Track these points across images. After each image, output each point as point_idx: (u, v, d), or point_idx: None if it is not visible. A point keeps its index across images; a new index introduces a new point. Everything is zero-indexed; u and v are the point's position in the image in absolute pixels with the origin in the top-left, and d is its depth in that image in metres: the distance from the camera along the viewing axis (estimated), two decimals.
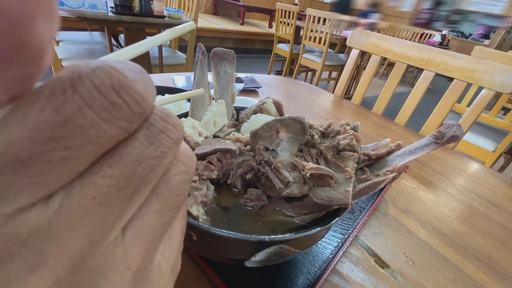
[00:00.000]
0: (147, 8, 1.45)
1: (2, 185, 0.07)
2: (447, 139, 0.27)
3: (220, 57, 0.37)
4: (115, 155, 0.08)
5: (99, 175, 0.08)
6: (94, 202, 0.08)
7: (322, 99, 0.92)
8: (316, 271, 0.32)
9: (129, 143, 0.08)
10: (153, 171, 0.09)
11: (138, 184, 0.09)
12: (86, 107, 0.07)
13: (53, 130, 0.07)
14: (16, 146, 0.07)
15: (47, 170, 0.07)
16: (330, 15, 2.30)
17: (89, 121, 0.07)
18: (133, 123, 0.08)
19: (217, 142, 0.29)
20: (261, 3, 4.81)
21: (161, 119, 0.09)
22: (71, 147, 0.07)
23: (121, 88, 0.08)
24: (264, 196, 0.29)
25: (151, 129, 0.09)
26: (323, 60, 2.40)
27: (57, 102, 0.07)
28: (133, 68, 0.08)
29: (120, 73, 0.08)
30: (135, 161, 0.08)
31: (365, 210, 0.43)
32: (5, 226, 0.07)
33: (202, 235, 0.22)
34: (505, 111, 1.60)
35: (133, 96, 0.08)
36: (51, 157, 0.07)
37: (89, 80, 0.07)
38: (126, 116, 0.08)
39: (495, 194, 0.56)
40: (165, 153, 0.09)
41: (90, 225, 0.08)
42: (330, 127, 0.32)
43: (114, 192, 0.08)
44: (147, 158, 0.09)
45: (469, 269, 0.37)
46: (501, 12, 4.36)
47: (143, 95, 0.08)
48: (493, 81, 0.69)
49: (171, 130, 0.09)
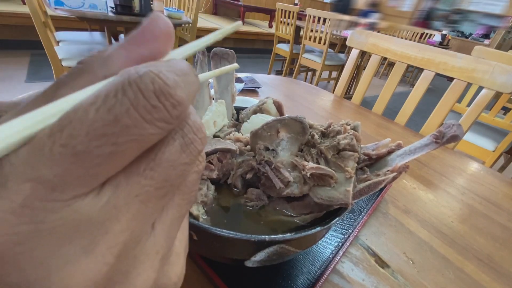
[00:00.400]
0: (147, 8, 1.45)
1: (61, 174, 0.08)
2: (447, 139, 0.27)
3: (220, 57, 0.37)
4: (156, 159, 0.10)
5: (143, 176, 0.09)
6: (136, 199, 0.09)
7: (322, 99, 0.92)
8: (316, 271, 0.32)
9: (167, 150, 0.10)
10: (182, 175, 0.11)
11: (171, 186, 0.10)
12: (132, 109, 0.08)
13: (104, 128, 0.08)
14: (76, 140, 0.08)
15: (97, 163, 0.08)
16: (330, 15, 2.30)
17: (133, 120, 0.08)
18: (170, 124, 0.09)
19: (217, 142, 0.29)
20: (261, 3, 4.80)
21: (193, 131, 0.11)
22: (118, 143, 0.08)
23: (161, 94, 0.08)
24: (264, 196, 0.29)
25: (185, 139, 0.10)
26: (323, 60, 2.40)
27: (110, 104, 0.08)
28: (178, 71, 0.09)
29: (162, 80, 0.08)
30: (171, 166, 0.10)
31: (365, 210, 0.43)
32: (62, 211, 0.08)
33: (202, 235, 0.22)
34: (505, 110, 1.60)
35: (170, 101, 0.09)
36: (101, 151, 0.08)
37: (136, 85, 0.08)
38: (164, 118, 0.09)
39: (495, 194, 0.56)
40: (192, 160, 0.11)
41: (133, 218, 0.09)
42: (330, 127, 0.32)
43: (153, 191, 0.10)
44: (179, 164, 0.10)
45: (469, 269, 0.37)
46: (501, 12, 4.36)
47: (179, 100, 0.09)
48: (493, 81, 0.69)
49: (198, 142, 0.11)
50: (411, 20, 4.56)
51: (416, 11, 4.55)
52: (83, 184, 0.08)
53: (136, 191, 0.09)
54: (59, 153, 0.07)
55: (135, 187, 0.09)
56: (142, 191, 0.09)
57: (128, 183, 0.09)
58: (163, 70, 0.09)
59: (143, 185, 0.09)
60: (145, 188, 0.09)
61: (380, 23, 3.37)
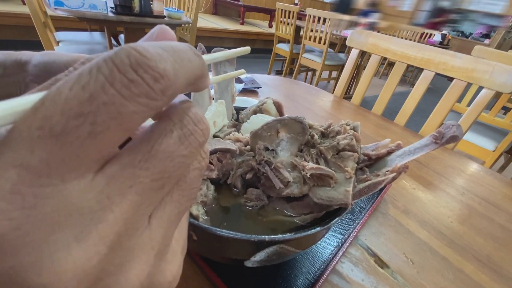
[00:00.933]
0: (147, 8, 1.45)
1: (45, 159, 0.07)
2: (446, 139, 0.27)
3: None
4: (152, 151, 0.09)
5: (138, 167, 0.09)
6: (131, 190, 0.09)
7: (322, 99, 0.92)
8: (316, 271, 0.32)
9: (164, 141, 0.10)
10: (180, 168, 0.10)
11: (168, 178, 0.10)
12: (107, 85, 0.08)
13: (80, 106, 0.07)
14: (51, 120, 0.07)
15: (79, 145, 0.08)
16: (330, 15, 2.30)
17: (110, 97, 0.08)
18: (154, 100, 0.08)
19: (217, 142, 0.29)
20: (261, 3, 4.80)
21: (193, 122, 0.10)
22: (97, 122, 0.08)
23: (138, 66, 0.08)
24: (264, 196, 0.29)
25: (184, 130, 0.10)
26: (323, 60, 2.40)
27: (83, 81, 0.08)
28: (166, 46, 0.09)
29: (138, 52, 0.08)
30: (167, 157, 0.10)
31: (365, 210, 0.43)
32: (53, 197, 0.08)
33: (202, 235, 0.22)
34: (505, 110, 1.59)
35: (150, 74, 0.08)
36: (80, 132, 0.08)
37: (111, 61, 0.08)
38: (145, 93, 0.08)
39: (494, 194, 0.56)
40: (192, 153, 0.10)
41: (127, 209, 0.09)
42: (330, 127, 0.32)
43: (148, 183, 0.09)
44: (178, 155, 0.10)
45: (468, 269, 0.37)
46: (501, 12, 4.35)
47: (162, 72, 0.08)
48: (493, 80, 0.69)
49: (199, 134, 0.11)
50: (411, 20, 4.56)
51: (416, 11, 4.55)
52: (70, 168, 0.08)
53: (130, 181, 0.09)
54: (37, 137, 0.07)
55: (129, 177, 0.09)
56: (136, 182, 0.09)
57: (123, 174, 0.09)
58: (143, 44, 0.08)
59: (138, 175, 0.09)
60: (139, 179, 0.09)
61: (380, 23, 3.36)
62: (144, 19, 1.44)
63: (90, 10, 1.29)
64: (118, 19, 1.36)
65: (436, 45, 1.98)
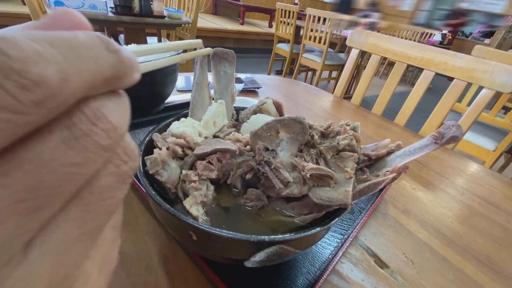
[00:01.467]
0: (147, 8, 1.45)
1: None
2: (446, 139, 0.27)
3: (220, 57, 0.37)
4: (13, 160, 0.07)
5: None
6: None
7: (322, 100, 0.92)
8: (316, 271, 0.32)
9: (36, 147, 0.07)
10: (71, 180, 0.08)
11: (46, 197, 0.07)
12: None
13: None
14: None
15: None
16: (330, 15, 2.30)
17: None
18: (20, 113, 0.06)
19: (217, 142, 0.29)
20: (261, 3, 4.80)
21: (90, 121, 0.08)
22: None
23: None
24: (264, 196, 0.29)
25: (73, 130, 0.08)
26: (323, 60, 2.40)
27: None
28: (54, 40, 0.07)
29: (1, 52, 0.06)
30: (41, 168, 0.07)
31: (364, 210, 0.43)
32: None
33: (202, 235, 0.22)
34: (505, 110, 1.59)
35: (15, 80, 0.06)
36: None
37: None
38: (7, 106, 0.06)
39: (494, 194, 0.56)
40: (90, 159, 0.08)
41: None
42: (330, 128, 0.32)
43: (8, 206, 0.07)
44: (62, 164, 0.07)
45: (468, 269, 0.37)
46: (501, 11, 4.35)
47: (36, 78, 0.06)
48: (493, 80, 0.69)
49: (100, 136, 0.08)
50: (411, 20, 4.56)
51: (416, 11, 4.55)
52: None
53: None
54: None
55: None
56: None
57: None
58: (15, 36, 0.06)
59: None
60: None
61: (380, 22, 3.36)
62: (144, 19, 1.44)
63: (90, 10, 1.29)
64: (118, 19, 1.37)
65: (437, 45, 1.98)
